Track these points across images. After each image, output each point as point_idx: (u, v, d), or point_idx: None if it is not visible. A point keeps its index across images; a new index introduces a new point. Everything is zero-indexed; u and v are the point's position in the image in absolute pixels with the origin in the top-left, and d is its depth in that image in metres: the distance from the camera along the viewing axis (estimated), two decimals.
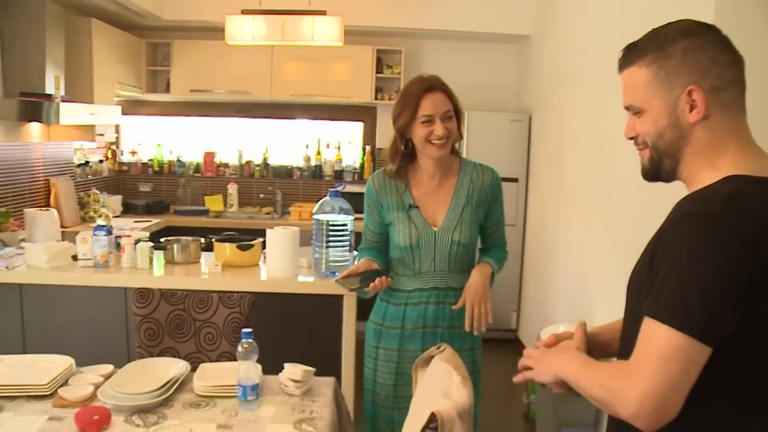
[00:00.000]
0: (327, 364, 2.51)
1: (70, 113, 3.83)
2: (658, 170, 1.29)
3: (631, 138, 1.32)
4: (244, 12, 4.06)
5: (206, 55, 5.38)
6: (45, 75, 3.96)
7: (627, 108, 1.31)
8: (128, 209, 5.34)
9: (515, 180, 5.21)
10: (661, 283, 1.13)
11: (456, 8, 5.20)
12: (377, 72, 5.52)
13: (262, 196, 5.83)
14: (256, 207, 5.80)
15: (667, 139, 1.24)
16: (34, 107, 3.75)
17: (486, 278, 2.27)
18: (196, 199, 5.75)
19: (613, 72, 1.34)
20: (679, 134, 1.23)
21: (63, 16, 4.20)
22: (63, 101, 3.84)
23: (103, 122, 4.48)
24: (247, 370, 2.03)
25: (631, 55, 1.28)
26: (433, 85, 2.21)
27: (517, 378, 1.50)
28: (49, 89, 3.92)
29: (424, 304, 2.29)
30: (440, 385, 1.84)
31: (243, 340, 2.02)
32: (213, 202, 5.67)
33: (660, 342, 1.11)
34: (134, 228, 4.51)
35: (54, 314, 3.26)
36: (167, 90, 5.54)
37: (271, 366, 2.24)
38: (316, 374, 2.25)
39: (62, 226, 4.38)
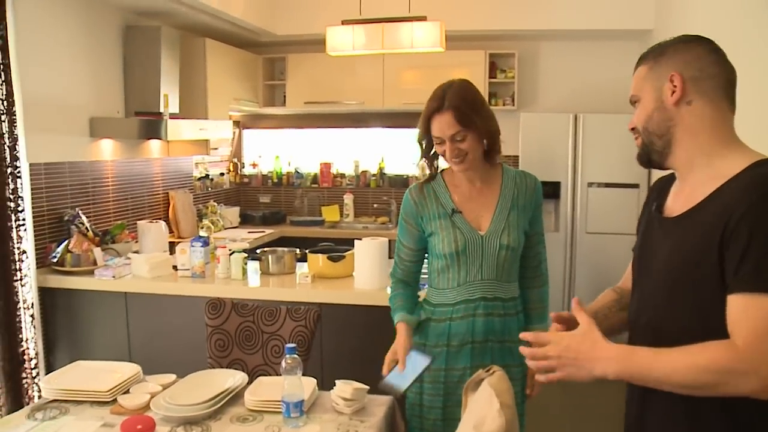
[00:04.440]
0: None
1: (178, 129, 4.02)
2: (649, 152, 1.44)
3: (631, 129, 1.48)
4: (344, 22, 4.09)
5: (319, 67, 5.48)
6: (160, 95, 4.20)
7: (630, 100, 1.48)
8: (246, 220, 5.55)
9: (636, 186, 4.83)
10: (759, 258, 1.18)
11: (571, 6, 4.93)
12: (490, 77, 5.36)
13: (375, 206, 5.83)
14: (371, 217, 5.82)
15: (656, 121, 1.40)
16: (152, 125, 3.99)
17: None
18: (313, 209, 5.87)
19: (739, 65, 1.43)
20: (666, 116, 1.38)
21: (178, 39, 4.44)
22: (172, 118, 4.05)
23: (213, 137, 4.67)
24: (291, 386, 1.99)
25: (640, 58, 1.47)
26: (442, 104, 2.06)
27: (540, 379, 1.44)
28: (160, 107, 4.15)
29: (471, 317, 2.13)
30: (479, 412, 1.70)
31: (287, 356, 1.98)
32: (329, 213, 5.75)
33: None
34: (245, 239, 4.66)
35: (155, 322, 3.43)
36: (284, 103, 5.70)
37: (356, 380, 2.18)
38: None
39: (179, 237, 4.63)
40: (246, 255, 3.48)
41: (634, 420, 1.49)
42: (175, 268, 3.52)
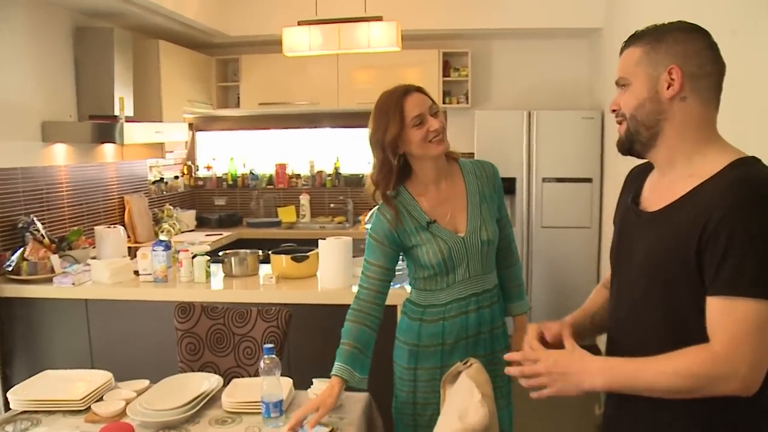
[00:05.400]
0: (384, 377, 2.30)
1: (134, 133, 3.95)
2: (633, 141, 1.41)
3: (614, 111, 1.44)
4: (300, 23, 4.08)
5: (273, 68, 5.46)
6: (114, 98, 4.13)
7: (617, 82, 1.43)
8: (202, 223, 5.49)
9: (589, 180, 4.98)
10: (737, 262, 1.21)
11: (522, 5, 5.03)
12: (444, 75, 5.43)
13: (332, 206, 5.84)
14: (328, 217, 5.83)
15: (647, 111, 1.36)
16: (106, 129, 3.90)
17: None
18: (269, 210, 5.84)
19: None
20: (658, 108, 1.35)
21: (130, 41, 4.36)
22: (128, 121, 3.98)
23: (169, 140, 4.61)
24: (270, 386, 1.99)
25: (633, 38, 1.42)
26: (407, 88, 2.11)
27: (533, 396, 1.47)
28: (115, 110, 4.08)
29: (464, 314, 2.14)
30: (460, 403, 1.74)
31: (265, 356, 1.99)
32: (285, 214, 5.74)
33: (752, 315, 1.20)
34: (204, 242, 4.61)
35: (118, 328, 3.37)
36: (238, 105, 5.66)
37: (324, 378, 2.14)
38: (367, 390, 2.18)
39: (136, 242, 4.56)
40: (209, 258, 3.46)
41: (612, 412, 1.53)
42: (136, 273, 3.46)
